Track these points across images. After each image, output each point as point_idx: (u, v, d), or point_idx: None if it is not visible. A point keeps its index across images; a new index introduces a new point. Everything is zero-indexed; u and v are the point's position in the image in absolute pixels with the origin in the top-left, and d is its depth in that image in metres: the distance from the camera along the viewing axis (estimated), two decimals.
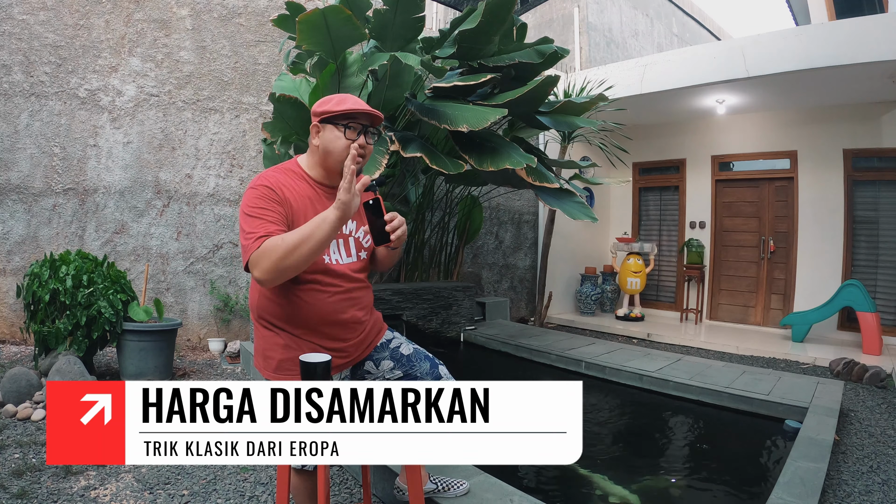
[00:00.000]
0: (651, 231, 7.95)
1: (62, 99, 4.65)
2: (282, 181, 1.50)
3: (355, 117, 1.49)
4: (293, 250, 1.32)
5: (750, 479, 2.54)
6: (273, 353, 1.57)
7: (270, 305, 1.55)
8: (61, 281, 3.48)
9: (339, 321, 1.57)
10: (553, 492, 2.42)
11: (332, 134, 1.49)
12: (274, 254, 1.32)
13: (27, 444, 2.60)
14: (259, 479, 2.39)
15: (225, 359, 4.49)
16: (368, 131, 1.53)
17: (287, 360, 1.56)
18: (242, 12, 5.11)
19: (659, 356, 4.38)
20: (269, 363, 1.58)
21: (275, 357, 1.57)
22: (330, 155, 1.51)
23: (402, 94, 4.05)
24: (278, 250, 1.32)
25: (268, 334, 1.58)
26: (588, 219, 4.06)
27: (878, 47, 4.57)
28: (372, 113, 1.51)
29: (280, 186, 1.47)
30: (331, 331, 1.57)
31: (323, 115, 1.49)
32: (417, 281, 5.58)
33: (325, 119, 1.50)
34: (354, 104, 1.49)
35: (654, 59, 6.18)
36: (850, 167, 6.13)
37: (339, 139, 1.49)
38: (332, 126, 1.49)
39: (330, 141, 1.50)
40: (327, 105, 1.50)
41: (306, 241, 1.32)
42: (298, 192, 1.51)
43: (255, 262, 1.35)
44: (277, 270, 1.34)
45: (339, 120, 1.49)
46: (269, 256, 1.33)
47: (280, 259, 1.32)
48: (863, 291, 5.30)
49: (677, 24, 11.95)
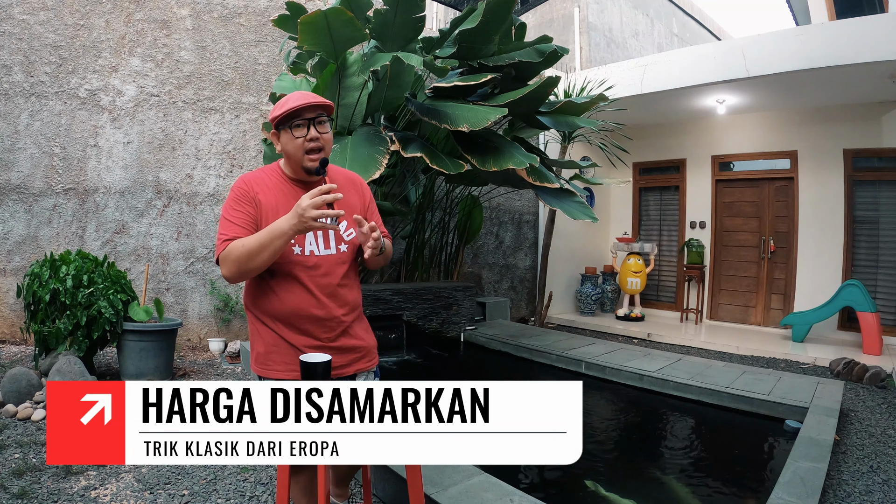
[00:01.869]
0: (651, 231, 7.95)
1: (62, 99, 4.66)
2: (259, 180, 1.59)
3: (298, 114, 1.52)
4: (252, 256, 1.44)
5: (750, 479, 2.54)
6: (255, 346, 1.64)
7: (254, 296, 1.61)
8: (61, 281, 3.48)
9: (313, 316, 1.56)
10: (553, 492, 2.42)
11: (286, 137, 1.55)
12: (233, 256, 1.46)
13: (27, 444, 2.60)
14: (259, 479, 2.39)
15: (225, 359, 4.50)
16: (316, 121, 1.54)
17: (263, 355, 1.60)
18: (243, 12, 5.11)
19: (659, 356, 4.38)
20: (252, 354, 1.65)
21: (255, 349, 1.63)
22: (290, 157, 1.58)
23: (402, 94, 4.06)
24: (237, 254, 1.46)
25: (252, 327, 1.65)
26: (588, 219, 4.06)
27: (878, 47, 4.57)
28: (314, 103, 1.52)
29: (254, 186, 1.57)
30: (305, 326, 1.57)
31: (273, 121, 1.55)
32: (417, 281, 5.58)
33: (277, 125, 1.55)
34: (295, 101, 1.51)
35: (654, 59, 6.18)
36: (850, 167, 6.13)
37: (291, 140, 1.54)
38: (284, 130, 1.54)
39: (286, 144, 1.56)
40: (275, 111, 1.54)
41: (264, 248, 1.44)
42: (273, 188, 1.59)
43: (221, 261, 1.50)
44: (239, 271, 1.48)
45: (285, 122, 1.53)
46: (230, 258, 1.47)
47: (239, 262, 1.46)
48: (863, 291, 5.29)
49: (677, 24, 11.95)
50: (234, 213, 1.53)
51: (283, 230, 1.42)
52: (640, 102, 6.28)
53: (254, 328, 1.64)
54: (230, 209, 1.54)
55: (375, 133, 3.74)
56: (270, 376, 1.59)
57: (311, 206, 1.37)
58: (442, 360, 4.75)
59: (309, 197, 1.38)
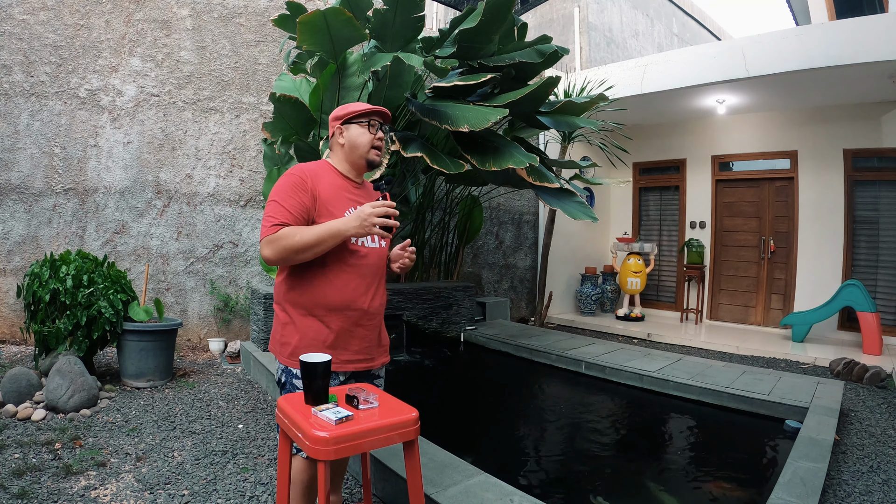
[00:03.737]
0: (651, 231, 7.95)
1: (62, 99, 4.66)
2: (315, 173, 1.69)
3: (373, 115, 1.75)
4: (306, 248, 1.53)
5: (750, 479, 2.54)
6: (290, 339, 1.66)
7: (296, 287, 1.65)
8: (61, 281, 3.48)
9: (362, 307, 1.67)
10: (553, 491, 2.42)
11: (357, 130, 1.73)
12: (286, 242, 1.52)
13: (27, 444, 2.60)
14: (259, 479, 2.39)
15: (225, 359, 4.49)
16: (382, 128, 1.78)
17: (301, 348, 1.63)
18: (242, 12, 5.11)
19: (659, 356, 4.38)
20: (285, 349, 1.67)
21: (291, 343, 1.66)
22: (356, 148, 1.74)
23: (402, 94, 4.05)
24: (291, 241, 1.52)
25: (286, 319, 1.68)
26: (588, 219, 4.06)
27: (878, 47, 4.57)
28: (386, 112, 1.78)
29: (312, 176, 1.66)
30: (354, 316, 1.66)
31: (345, 116, 1.74)
32: (417, 281, 5.58)
33: (348, 120, 1.74)
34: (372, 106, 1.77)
35: (654, 59, 6.18)
36: (850, 167, 6.13)
37: (364, 134, 1.73)
38: (355, 125, 1.74)
39: (355, 136, 1.73)
40: (347, 109, 1.75)
41: (319, 244, 1.53)
42: (331, 182, 1.70)
43: (267, 242, 1.54)
44: (284, 258, 1.55)
45: (362, 118, 1.74)
46: (281, 243, 1.52)
47: (291, 249, 1.53)
48: (863, 291, 5.30)
49: (677, 24, 11.95)
50: (290, 200, 1.59)
51: (341, 231, 1.54)
52: (640, 102, 6.29)
53: (288, 320, 1.67)
54: (285, 195, 1.59)
55: None
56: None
57: (374, 215, 1.50)
58: (442, 361, 4.74)
59: (372, 206, 1.51)
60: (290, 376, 1.67)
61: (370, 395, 1.45)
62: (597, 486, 2.49)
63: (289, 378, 1.68)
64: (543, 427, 3.34)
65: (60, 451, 2.56)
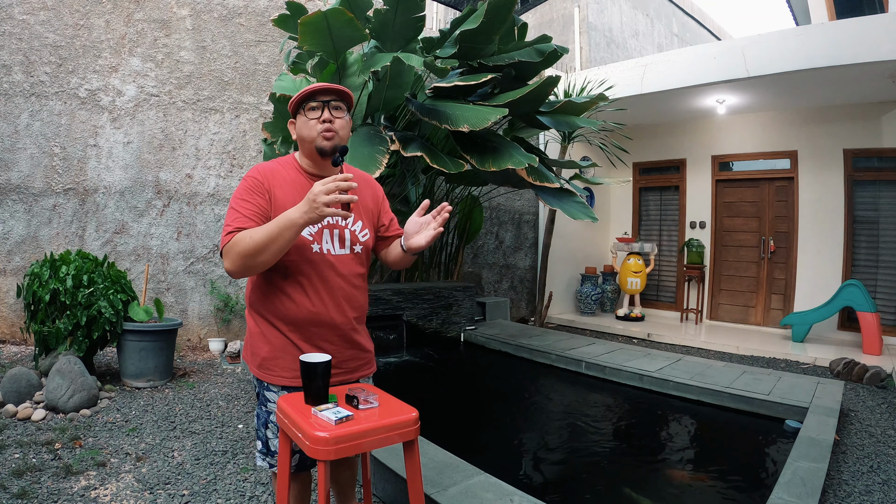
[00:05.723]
0: (651, 231, 7.95)
1: (62, 99, 4.66)
2: (274, 172, 1.54)
3: (313, 97, 1.53)
4: (260, 249, 1.36)
5: (750, 479, 2.54)
6: (258, 349, 1.56)
7: (261, 297, 1.54)
8: (61, 281, 3.48)
9: (328, 319, 1.52)
10: (553, 491, 2.42)
11: (300, 121, 1.55)
12: (239, 248, 1.37)
13: (27, 444, 2.60)
14: (259, 479, 2.39)
15: (225, 359, 4.49)
16: (330, 105, 1.54)
17: (270, 360, 1.53)
18: (242, 12, 5.11)
19: (659, 356, 4.38)
20: (255, 359, 1.57)
21: (258, 353, 1.56)
22: (304, 140, 1.55)
23: (402, 94, 4.06)
24: (244, 245, 1.37)
25: (255, 329, 1.57)
26: (588, 219, 4.06)
27: (878, 47, 4.57)
28: (329, 88, 1.53)
29: (268, 176, 1.52)
30: (317, 329, 1.52)
31: (291, 108, 1.58)
32: (417, 281, 5.58)
33: (294, 112, 1.58)
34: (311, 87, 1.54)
35: (654, 59, 6.18)
36: (850, 167, 6.13)
37: (306, 122, 1.54)
38: (300, 114, 1.56)
39: (300, 128, 1.55)
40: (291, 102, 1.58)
41: (273, 241, 1.35)
42: (288, 180, 1.54)
43: (225, 253, 1.41)
44: (243, 265, 1.39)
45: (301, 105, 1.55)
46: (235, 250, 1.38)
47: (245, 255, 1.37)
48: (863, 291, 5.30)
49: (677, 24, 11.96)
50: (244, 204, 1.46)
51: (292, 220, 1.34)
52: (640, 102, 6.28)
53: (258, 330, 1.56)
54: (239, 199, 1.47)
55: (375, 133, 3.74)
56: (275, 382, 1.54)
57: (322, 192, 1.30)
58: (442, 361, 4.74)
59: (321, 184, 1.31)
60: (263, 388, 1.58)
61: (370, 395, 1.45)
62: (597, 486, 2.49)
63: (261, 389, 1.58)
64: (543, 427, 3.34)
65: (60, 451, 2.56)
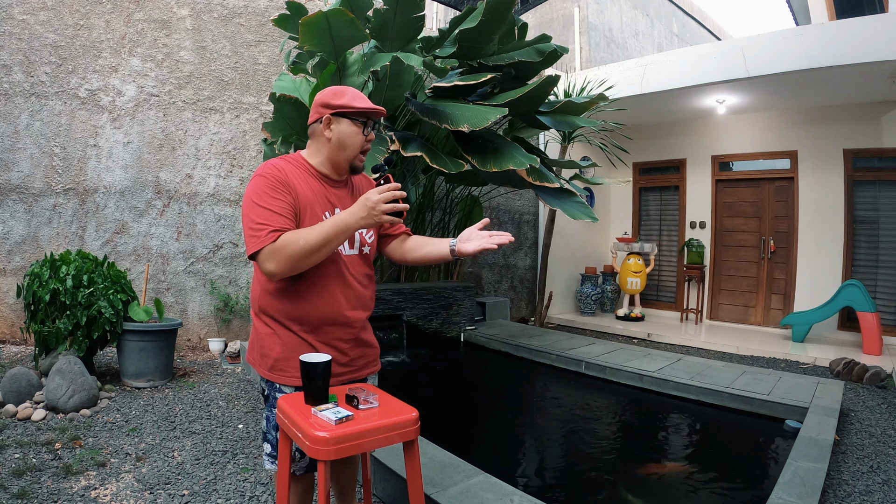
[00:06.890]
0: (651, 231, 7.95)
1: (62, 99, 4.66)
2: (287, 168, 1.48)
3: (367, 115, 1.51)
4: (314, 251, 1.35)
5: (750, 479, 2.54)
6: (270, 351, 1.53)
7: (273, 300, 1.51)
8: (61, 281, 3.48)
9: (341, 318, 1.52)
10: (553, 491, 2.42)
11: (350, 129, 1.50)
12: (290, 250, 1.33)
13: (27, 444, 2.60)
14: (259, 479, 2.39)
15: (225, 359, 4.49)
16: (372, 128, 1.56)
17: (282, 360, 1.52)
18: (242, 12, 5.11)
19: (659, 356, 4.38)
20: (265, 361, 1.54)
21: (271, 355, 1.53)
22: (346, 149, 1.51)
23: (402, 94, 4.06)
24: (296, 247, 1.33)
25: (267, 331, 1.54)
26: (588, 219, 4.06)
27: (878, 47, 4.57)
28: (381, 112, 1.54)
29: (286, 172, 1.46)
30: (331, 328, 1.52)
31: (340, 108, 1.48)
32: (417, 281, 5.58)
33: (342, 113, 1.49)
34: (369, 102, 1.52)
35: (654, 59, 6.18)
36: (850, 167, 6.13)
37: (357, 135, 1.51)
38: (348, 121, 1.49)
39: (347, 136, 1.50)
40: (343, 99, 1.49)
41: (328, 243, 1.35)
42: (305, 181, 1.49)
43: (269, 255, 1.34)
44: (293, 267, 1.36)
45: (358, 117, 1.50)
46: (284, 252, 1.33)
47: (298, 256, 1.34)
48: (863, 291, 5.30)
49: (677, 24, 11.96)
50: (273, 201, 1.38)
51: (348, 224, 1.35)
52: (640, 102, 6.28)
53: (268, 331, 1.53)
54: (265, 196, 1.39)
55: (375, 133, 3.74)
56: (288, 383, 1.52)
57: (381, 200, 1.33)
58: (442, 361, 4.74)
59: (378, 192, 1.34)
60: (274, 389, 1.55)
61: (370, 395, 1.45)
62: (597, 486, 2.49)
63: (272, 391, 1.56)
64: (543, 427, 3.34)
65: (60, 451, 2.56)
